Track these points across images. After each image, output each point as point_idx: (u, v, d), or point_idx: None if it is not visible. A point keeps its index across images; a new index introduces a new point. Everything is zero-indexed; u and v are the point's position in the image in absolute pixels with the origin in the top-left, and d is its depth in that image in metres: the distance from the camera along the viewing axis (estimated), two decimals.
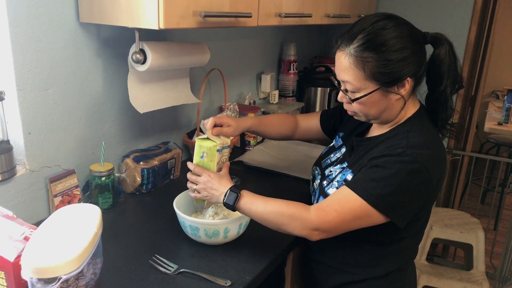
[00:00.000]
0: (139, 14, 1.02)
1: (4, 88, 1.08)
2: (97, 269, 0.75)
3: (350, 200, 0.91)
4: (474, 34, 2.36)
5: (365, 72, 0.92)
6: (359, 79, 0.93)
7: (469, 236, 2.27)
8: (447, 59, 0.98)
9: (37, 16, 1.08)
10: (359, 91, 0.95)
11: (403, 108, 0.99)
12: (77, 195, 1.23)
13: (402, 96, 0.96)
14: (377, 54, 0.91)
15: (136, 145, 1.48)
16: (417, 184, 0.91)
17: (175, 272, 0.98)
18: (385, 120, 1.02)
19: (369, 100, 0.95)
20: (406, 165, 0.90)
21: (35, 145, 1.15)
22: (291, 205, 0.96)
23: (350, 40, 0.93)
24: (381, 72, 0.92)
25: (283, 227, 0.97)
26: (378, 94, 0.95)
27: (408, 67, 0.93)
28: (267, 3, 1.35)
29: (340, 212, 0.91)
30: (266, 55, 2.17)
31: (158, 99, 1.36)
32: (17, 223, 0.78)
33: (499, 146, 3.74)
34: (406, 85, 0.94)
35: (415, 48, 0.94)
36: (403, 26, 0.94)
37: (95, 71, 1.27)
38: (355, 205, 0.90)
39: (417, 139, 0.94)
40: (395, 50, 0.91)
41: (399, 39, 0.91)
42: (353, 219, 0.91)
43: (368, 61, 0.91)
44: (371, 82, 0.93)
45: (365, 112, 0.99)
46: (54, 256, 0.65)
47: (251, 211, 0.99)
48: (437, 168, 0.95)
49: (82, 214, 0.78)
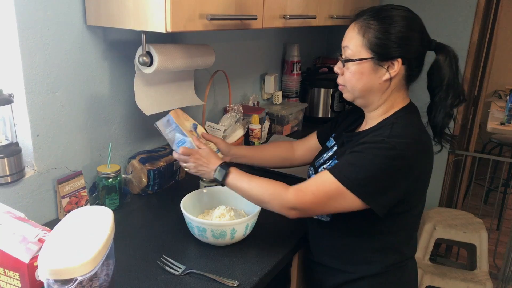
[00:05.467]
0: (147, 18, 1.03)
1: (13, 91, 1.09)
2: (110, 270, 0.76)
3: (327, 182, 0.94)
4: (477, 35, 2.36)
5: (363, 38, 0.98)
6: (357, 45, 0.99)
7: (472, 236, 2.27)
8: (448, 68, 1.00)
9: (45, 20, 1.09)
10: (354, 56, 1.00)
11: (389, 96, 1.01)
12: (84, 196, 1.24)
13: (390, 77, 0.98)
14: (380, 24, 0.97)
15: (142, 146, 1.49)
16: (393, 171, 0.92)
17: (182, 273, 0.99)
18: (369, 104, 1.04)
19: (360, 69, 0.99)
20: (384, 151, 0.92)
21: (43, 147, 1.16)
22: (273, 184, 1.02)
23: (365, 12, 1.00)
24: (377, 42, 0.96)
25: (264, 204, 1.03)
26: (369, 65, 0.98)
27: (402, 48, 0.97)
28: (272, 5, 1.36)
29: (316, 194, 0.95)
30: (269, 56, 2.18)
31: (163, 101, 1.37)
32: (30, 225, 0.79)
33: (502, 146, 3.74)
34: (396, 66, 0.97)
35: (415, 36, 0.98)
36: (415, 17, 1.00)
37: (102, 73, 1.28)
38: (331, 187, 0.94)
39: (400, 130, 0.97)
40: (397, 26, 0.96)
41: (404, 21, 0.97)
42: (328, 200, 0.95)
43: (370, 28, 0.97)
44: (366, 51, 0.98)
45: (352, 84, 1.02)
46: (70, 258, 0.67)
47: (237, 187, 1.05)
48: (418, 158, 0.95)
49: (95, 216, 0.80)
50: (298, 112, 2.14)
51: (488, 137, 3.77)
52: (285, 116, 2.00)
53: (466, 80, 2.44)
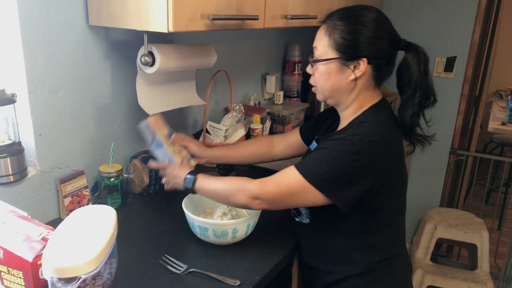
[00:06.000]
0: (148, 18, 1.04)
1: (16, 91, 1.10)
2: (112, 269, 0.77)
3: (290, 176, 0.97)
4: (478, 34, 2.36)
5: (330, 39, 1.00)
6: (324, 45, 1.01)
7: (473, 236, 2.27)
8: (416, 67, 1.00)
9: (47, 20, 1.10)
10: (321, 57, 1.02)
11: (357, 95, 1.03)
12: (86, 195, 1.25)
13: (355, 77, 1.00)
14: (346, 25, 0.99)
15: (144, 146, 1.49)
16: (354, 167, 0.93)
17: (184, 272, 0.99)
18: (339, 103, 1.07)
19: (327, 69, 1.02)
20: (344, 147, 0.94)
21: (45, 146, 1.17)
22: (237, 179, 1.05)
23: (334, 13, 1.03)
24: (343, 42, 0.99)
25: (231, 199, 1.04)
26: (335, 65, 1.01)
27: (368, 48, 0.98)
28: (273, 6, 1.36)
29: (279, 185, 0.98)
30: (270, 56, 2.18)
31: (165, 101, 1.38)
32: (33, 223, 0.80)
33: (503, 146, 3.74)
34: (362, 66, 0.99)
35: (382, 36, 0.99)
36: (383, 18, 1.01)
37: (104, 73, 1.29)
38: (294, 181, 0.96)
39: (364, 129, 0.98)
40: (362, 26, 0.98)
41: (371, 21, 0.99)
42: (291, 193, 0.97)
43: (337, 29, 0.99)
44: (332, 51, 1.00)
45: (321, 84, 1.05)
46: (73, 256, 0.67)
47: (205, 189, 1.08)
48: (382, 157, 0.96)
49: (98, 215, 0.80)
50: (299, 112, 2.15)
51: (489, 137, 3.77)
52: (286, 116, 2.01)
53: (467, 80, 2.44)
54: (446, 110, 2.53)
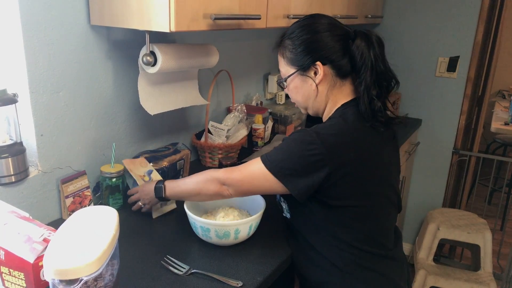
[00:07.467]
0: (150, 17, 1.03)
1: (17, 91, 1.09)
2: (114, 270, 0.76)
3: (254, 164, 1.03)
4: (481, 34, 2.35)
5: (285, 58, 1.08)
6: (283, 65, 1.10)
7: (476, 236, 2.26)
8: (366, 51, 1.01)
9: (49, 20, 1.09)
10: (285, 75, 1.10)
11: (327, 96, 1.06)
12: (88, 196, 1.25)
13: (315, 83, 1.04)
14: (291, 40, 1.06)
15: (145, 146, 1.49)
16: (307, 155, 0.96)
17: (186, 273, 0.99)
18: (317, 110, 1.11)
19: (293, 84, 1.09)
20: (301, 137, 0.98)
21: (47, 146, 1.16)
22: (203, 173, 1.10)
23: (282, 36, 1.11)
24: (294, 56, 1.06)
25: (202, 192, 1.08)
26: (297, 78, 1.07)
27: (314, 52, 1.03)
28: (276, 5, 1.36)
29: (243, 172, 1.04)
30: (272, 56, 2.16)
31: (167, 101, 1.37)
32: (35, 224, 0.79)
33: (506, 146, 3.72)
34: (319, 70, 1.03)
35: (322, 36, 1.03)
36: (315, 21, 1.06)
37: (105, 73, 1.28)
38: (255, 167, 1.02)
39: (327, 123, 1.03)
40: (303, 36, 1.04)
41: (304, 28, 1.05)
42: (253, 179, 1.02)
43: (286, 47, 1.07)
44: (290, 67, 1.07)
45: (295, 99, 1.12)
46: (75, 258, 0.67)
47: (177, 193, 1.14)
48: (338, 150, 0.95)
49: (100, 216, 0.80)
50: (301, 112, 2.14)
51: (492, 137, 3.75)
52: (288, 116, 2.00)
53: (470, 80, 2.43)
54: (448, 110, 2.52)
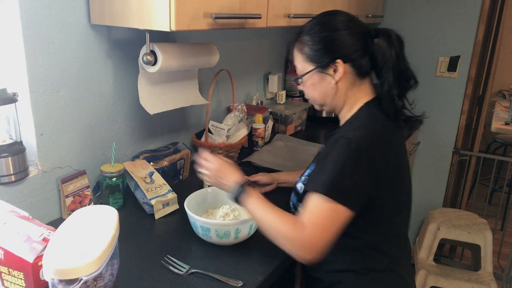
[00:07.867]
0: (151, 16, 1.03)
1: (17, 90, 1.09)
2: (114, 270, 0.76)
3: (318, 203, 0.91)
4: (482, 34, 2.35)
5: (303, 54, 1.05)
6: (300, 61, 1.07)
7: (477, 236, 2.26)
8: (387, 51, 1.00)
9: (49, 19, 1.09)
10: (302, 72, 1.07)
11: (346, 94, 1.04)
12: (88, 195, 1.24)
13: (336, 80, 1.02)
14: (310, 36, 1.04)
15: (145, 145, 1.48)
16: (358, 164, 0.92)
17: (187, 273, 0.98)
18: (334, 107, 1.09)
19: (310, 81, 1.06)
20: (344, 147, 0.93)
21: (47, 146, 1.16)
22: (286, 220, 0.94)
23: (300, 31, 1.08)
24: (313, 53, 1.03)
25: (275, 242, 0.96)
26: (315, 75, 1.05)
27: (336, 49, 1.01)
28: (276, 4, 1.35)
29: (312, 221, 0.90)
30: (273, 56, 2.17)
31: (167, 100, 1.37)
32: (34, 224, 0.79)
33: (506, 146, 3.72)
34: (339, 68, 1.02)
35: (342, 34, 1.02)
36: (334, 17, 1.04)
37: (105, 72, 1.28)
38: (324, 206, 0.90)
39: (357, 124, 1.01)
40: (324, 32, 1.02)
41: (330, 24, 1.03)
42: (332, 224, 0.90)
43: (305, 44, 1.04)
44: (309, 64, 1.05)
45: (312, 96, 1.09)
46: (75, 257, 0.67)
47: (251, 213, 1.00)
48: (373, 146, 0.94)
49: (99, 215, 0.79)
50: (302, 112, 2.14)
51: (493, 137, 3.75)
52: (289, 116, 2.00)
53: (470, 79, 2.43)
54: (449, 110, 2.52)
